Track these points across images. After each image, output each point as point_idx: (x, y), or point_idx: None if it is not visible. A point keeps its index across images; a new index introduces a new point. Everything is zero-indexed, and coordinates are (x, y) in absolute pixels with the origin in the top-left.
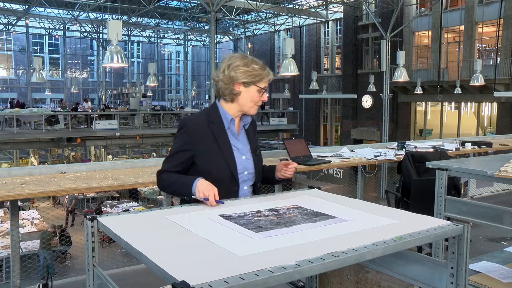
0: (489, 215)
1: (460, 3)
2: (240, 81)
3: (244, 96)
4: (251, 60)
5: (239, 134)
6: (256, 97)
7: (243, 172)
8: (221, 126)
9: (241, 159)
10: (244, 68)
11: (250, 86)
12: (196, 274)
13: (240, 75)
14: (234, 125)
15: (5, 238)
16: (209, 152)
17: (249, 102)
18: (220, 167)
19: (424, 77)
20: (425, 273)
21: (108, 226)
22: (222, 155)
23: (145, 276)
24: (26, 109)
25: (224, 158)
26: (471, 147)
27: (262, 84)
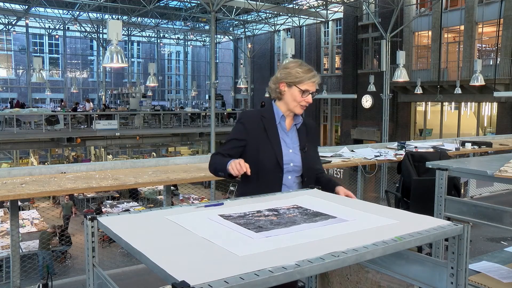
0: (489, 215)
1: (460, 3)
2: (283, 81)
3: (288, 95)
4: (299, 64)
5: (289, 130)
6: (298, 98)
7: (288, 164)
8: (272, 121)
9: (288, 152)
10: (288, 70)
11: (292, 86)
12: (196, 274)
13: (283, 76)
14: (284, 121)
15: (5, 238)
16: (259, 142)
17: (292, 101)
18: (268, 156)
19: (424, 77)
20: (425, 273)
21: (108, 226)
22: (270, 145)
23: (145, 276)
24: (26, 109)
25: (272, 148)
26: (471, 147)
27: (303, 86)
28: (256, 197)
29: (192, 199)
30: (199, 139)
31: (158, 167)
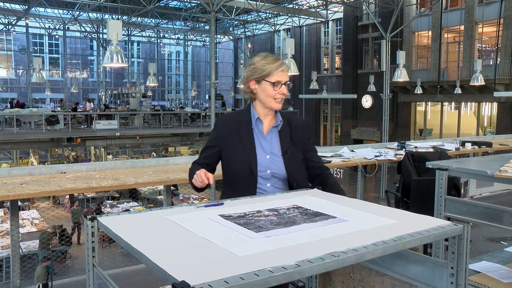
0: (489, 215)
1: (460, 3)
2: (251, 79)
3: (260, 93)
4: (264, 57)
5: (268, 133)
6: (271, 91)
7: (265, 171)
8: (248, 124)
9: (264, 157)
10: (253, 66)
11: (261, 82)
12: (196, 274)
13: (249, 73)
14: (262, 124)
15: (5, 238)
16: (232, 148)
17: (266, 97)
18: (240, 163)
19: (424, 77)
20: (425, 273)
21: (108, 226)
22: (243, 151)
23: (145, 276)
24: (26, 109)
25: (245, 154)
26: (471, 147)
27: (273, 78)
28: (256, 197)
29: (192, 199)
30: (199, 139)
31: (158, 167)
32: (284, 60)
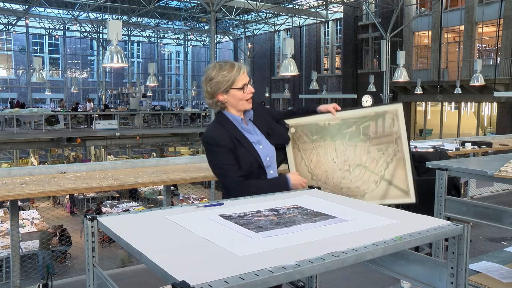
0: (489, 215)
1: (460, 3)
2: (218, 92)
3: (231, 100)
4: (220, 68)
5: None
6: (241, 95)
7: (265, 159)
8: (235, 128)
9: (260, 149)
10: (215, 80)
11: (229, 91)
12: (196, 274)
13: (215, 88)
14: (243, 122)
15: (5, 238)
16: (239, 154)
17: (238, 101)
18: (251, 163)
19: (424, 77)
20: (425, 273)
21: (108, 226)
22: (248, 152)
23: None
24: (26, 109)
25: (250, 155)
26: (471, 147)
27: (238, 83)
28: (256, 197)
29: (192, 199)
30: (199, 139)
31: (158, 167)
32: (284, 60)
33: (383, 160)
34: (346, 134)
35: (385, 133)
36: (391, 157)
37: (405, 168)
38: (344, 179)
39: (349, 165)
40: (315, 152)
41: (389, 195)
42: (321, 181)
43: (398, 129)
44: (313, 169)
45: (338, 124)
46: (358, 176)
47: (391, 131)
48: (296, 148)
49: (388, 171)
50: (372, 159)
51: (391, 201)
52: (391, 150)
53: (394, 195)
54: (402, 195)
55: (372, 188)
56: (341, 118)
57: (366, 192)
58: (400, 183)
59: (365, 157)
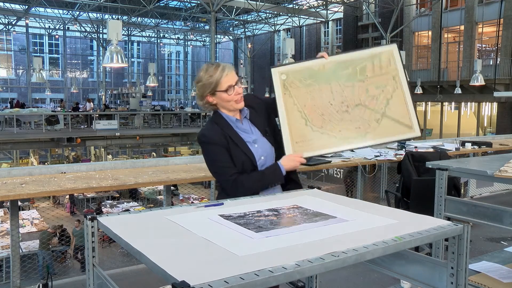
0: (489, 215)
1: (460, 3)
2: (206, 94)
3: (220, 102)
4: (206, 70)
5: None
6: (228, 97)
7: (260, 159)
8: (230, 127)
9: (255, 148)
10: (202, 83)
11: (215, 93)
12: (196, 274)
13: (202, 91)
14: (239, 122)
15: (5, 238)
16: (232, 153)
17: (226, 103)
18: (244, 162)
19: (424, 77)
20: (425, 273)
21: (108, 226)
22: (241, 151)
23: (145, 276)
24: (26, 109)
25: (243, 154)
26: (471, 147)
27: (223, 85)
28: (256, 197)
29: (192, 199)
30: None
31: (158, 167)
32: (284, 60)
33: (383, 97)
34: (342, 75)
35: (383, 72)
36: (391, 93)
37: (406, 103)
38: (343, 120)
39: (347, 106)
40: (309, 96)
41: (392, 131)
42: (316, 126)
43: (395, 67)
44: (307, 114)
45: (333, 67)
46: (358, 115)
47: (388, 69)
48: (287, 95)
49: (389, 107)
50: (371, 97)
51: (396, 138)
52: (390, 87)
53: (398, 131)
54: (406, 130)
55: (374, 127)
56: (335, 61)
57: (368, 132)
58: (402, 118)
59: (364, 96)
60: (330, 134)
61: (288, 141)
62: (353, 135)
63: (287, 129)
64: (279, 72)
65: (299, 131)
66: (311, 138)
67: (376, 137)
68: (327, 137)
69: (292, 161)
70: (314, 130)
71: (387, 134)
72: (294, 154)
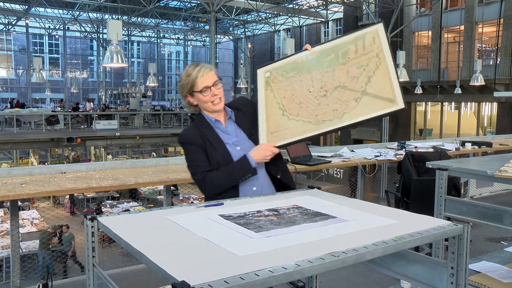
0: (489, 215)
1: (460, 3)
2: (186, 95)
3: (199, 103)
4: (185, 72)
5: (227, 128)
6: (205, 98)
7: None
8: (210, 128)
9: (236, 151)
10: (181, 83)
11: (193, 94)
12: (196, 274)
13: (181, 91)
14: (220, 123)
15: (5, 238)
16: (209, 155)
17: (204, 104)
18: (219, 164)
19: (424, 77)
20: (425, 273)
21: (108, 226)
22: (218, 154)
23: (145, 276)
24: (26, 109)
25: (220, 156)
26: (471, 147)
27: (198, 86)
28: (256, 197)
29: (192, 199)
30: None
31: (158, 167)
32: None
33: (364, 75)
34: (324, 62)
35: (366, 52)
36: (373, 70)
37: (390, 76)
38: (320, 105)
39: (326, 90)
40: (290, 87)
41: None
42: (293, 114)
43: (380, 45)
44: (285, 104)
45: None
46: (336, 98)
47: (372, 48)
48: (268, 90)
49: (370, 84)
50: (351, 77)
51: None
52: (372, 64)
53: (379, 106)
54: (388, 104)
55: (352, 106)
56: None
57: (345, 112)
58: (385, 93)
59: (344, 78)
60: (306, 120)
61: (264, 133)
62: (329, 118)
63: (264, 121)
64: (264, 71)
65: (275, 122)
66: (287, 127)
67: (354, 116)
68: (302, 124)
69: (263, 151)
70: (290, 118)
71: (367, 111)
72: (266, 144)
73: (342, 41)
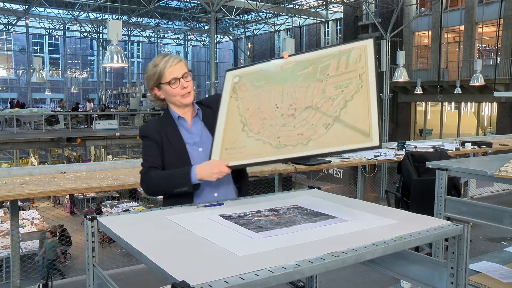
0: (489, 215)
1: (460, 3)
2: (152, 87)
3: (166, 96)
4: (152, 62)
5: (192, 128)
6: (173, 91)
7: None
8: (172, 126)
9: (197, 152)
10: (147, 74)
11: (160, 86)
12: (196, 274)
13: (147, 83)
14: (185, 121)
15: (5, 238)
16: (165, 153)
17: (172, 97)
18: (174, 164)
19: (424, 77)
20: (425, 273)
21: (108, 226)
22: (175, 153)
23: (145, 276)
24: (26, 109)
25: (176, 156)
26: (471, 147)
27: (166, 77)
28: (256, 197)
29: None
30: None
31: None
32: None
33: (340, 98)
34: (299, 76)
35: (348, 70)
36: (352, 94)
37: (369, 105)
38: (285, 125)
39: (295, 109)
40: (256, 98)
41: (343, 140)
42: (253, 131)
43: (365, 65)
44: (248, 118)
45: (291, 67)
46: (304, 120)
47: (356, 67)
48: (234, 98)
49: (345, 110)
50: (326, 98)
51: (345, 148)
52: (352, 86)
53: (351, 139)
54: (360, 138)
55: (320, 133)
56: (295, 61)
57: (312, 139)
58: (360, 123)
59: (318, 97)
60: (266, 141)
61: (218, 147)
62: (292, 143)
63: (221, 133)
64: (233, 75)
65: (233, 136)
66: (245, 145)
67: (320, 145)
68: (262, 145)
69: (211, 168)
70: (250, 136)
71: (336, 142)
72: (218, 161)
73: (324, 53)
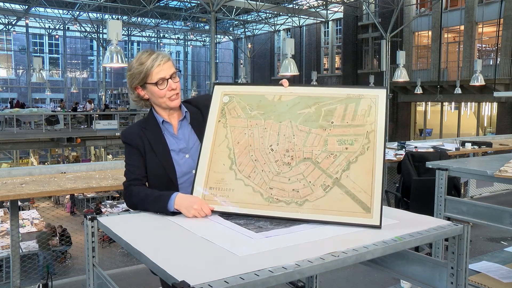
0: (489, 215)
1: (460, 3)
2: (136, 86)
3: (151, 97)
4: (138, 58)
5: (178, 133)
6: (160, 92)
7: (189, 172)
8: (156, 130)
9: (183, 159)
10: (131, 72)
11: (146, 86)
12: (196, 274)
13: (130, 81)
14: (170, 125)
15: (5, 238)
16: (148, 162)
17: (158, 99)
18: (157, 173)
19: (424, 77)
20: (425, 273)
21: (108, 226)
22: (158, 160)
23: (145, 276)
24: (26, 109)
25: (160, 164)
26: (471, 147)
27: (153, 77)
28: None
29: None
30: None
31: None
32: (284, 60)
33: (343, 158)
34: (300, 115)
35: (355, 123)
36: (357, 155)
37: (373, 172)
38: (279, 175)
39: (291, 158)
40: (248, 132)
41: (340, 208)
42: (243, 173)
43: (375, 121)
44: (237, 154)
45: (292, 101)
46: (301, 174)
47: (364, 121)
48: (222, 123)
49: (347, 173)
50: (328, 153)
51: (343, 219)
52: (358, 145)
53: (348, 210)
54: (360, 212)
55: (317, 195)
56: (297, 94)
57: (307, 200)
58: (361, 194)
59: (318, 150)
60: (256, 189)
61: (201, 181)
62: (285, 199)
63: (206, 167)
64: (222, 92)
65: (220, 173)
66: (231, 188)
67: (314, 210)
68: (251, 192)
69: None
70: (238, 178)
71: (332, 211)
72: (201, 201)
73: (330, 92)
